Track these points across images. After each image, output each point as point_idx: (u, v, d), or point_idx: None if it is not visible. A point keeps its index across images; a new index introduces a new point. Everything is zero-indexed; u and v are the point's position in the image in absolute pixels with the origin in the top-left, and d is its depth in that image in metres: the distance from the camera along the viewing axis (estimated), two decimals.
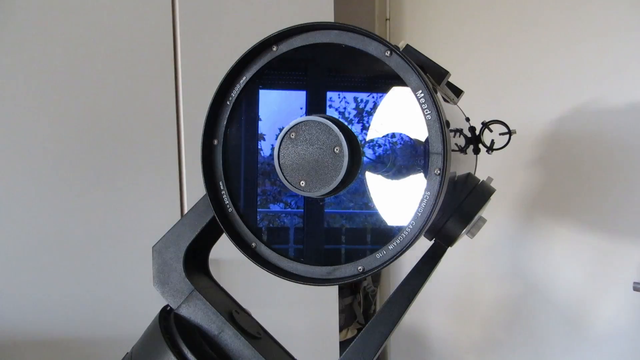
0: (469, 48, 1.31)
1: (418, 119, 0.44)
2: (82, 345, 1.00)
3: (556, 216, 1.15)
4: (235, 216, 0.53)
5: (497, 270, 1.28)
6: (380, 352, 0.51)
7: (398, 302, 0.52)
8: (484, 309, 1.33)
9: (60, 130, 0.98)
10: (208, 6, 1.09)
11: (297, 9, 1.16)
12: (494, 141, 0.64)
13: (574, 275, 1.11)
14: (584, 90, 1.06)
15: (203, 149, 0.53)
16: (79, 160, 1.00)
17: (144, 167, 1.06)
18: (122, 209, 1.04)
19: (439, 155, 0.43)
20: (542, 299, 1.17)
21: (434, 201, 0.43)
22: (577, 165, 1.09)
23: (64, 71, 0.98)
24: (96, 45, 1.00)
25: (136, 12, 1.03)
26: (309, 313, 1.25)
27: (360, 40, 0.46)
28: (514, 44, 1.20)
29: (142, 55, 1.04)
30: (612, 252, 1.03)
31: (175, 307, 0.54)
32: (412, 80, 0.44)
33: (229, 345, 0.52)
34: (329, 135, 0.43)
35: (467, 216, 0.55)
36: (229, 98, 0.52)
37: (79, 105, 1.00)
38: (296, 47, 0.49)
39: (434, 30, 1.43)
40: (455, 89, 0.69)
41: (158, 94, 1.06)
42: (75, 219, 1.00)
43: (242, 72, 0.52)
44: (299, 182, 0.45)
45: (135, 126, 1.04)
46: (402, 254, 0.45)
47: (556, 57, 1.10)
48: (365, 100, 0.58)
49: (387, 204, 0.55)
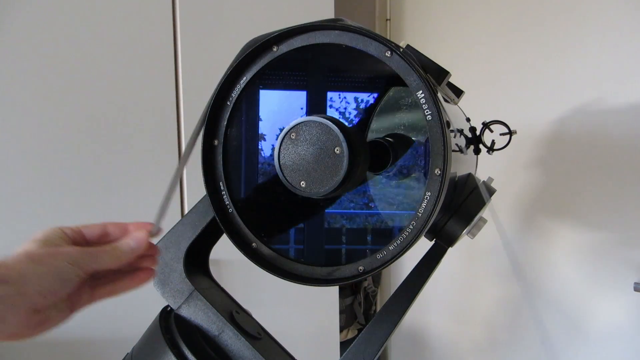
0: (469, 48, 1.30)
1: (418, 119, 0.44)
2: (82, 345, 1.00)
3: (556, 216, 1.15)
4: (236, 216, 0.53)
5: (498, 271, 1.28)
6: (380, 353, 0.51)
7: (399, 302, 0.52)
8: (484, 309, 1.33)
9: (60, 131, 0.98)
10: (208, 6, 1.09)
11: (297, 9, 1.16)
12: (495, 141, 0.64)
13: (575, 276, 1.11)
14: (584, 90, 1.06)
15: (203, 150, 0.53)
16: (79, 160, 1.00)
17: (144, 167, 1.06)
18: (122, 209, 1.04)
19: (440, 155, 0.43)
20: (542, 299, 1.17)
21: (435, 201, 0.43)
22: (577, 166, 1.09)
23: (64, 71, 0.98)
24: (96, 45, 1.00)
25: (136, 12, 1.03)
26: (310, 313, 1.25)
27: (360, 40, 0.46)
28: (514, 45, 1.19)
29: (143, 55, 1.04)
30: (613, 252, 1.03)
31: (175, 307, 0.54)
32: (412, 81, 0.44)
33: (230, 346, 0.52)
34: (330, 135, 0.43)
35: (468, 216, 0.55)
36: (230, 98, 0.52)
37: (79, 105, 1.00)
38: (297, 48, 0.49)
39: (435, 30, 1.43)
40: (456, 90, 0.69)
41: (158, 94, 1.06)
42: (75, 219, 0.99)
43: (242, 72, 0.52)
44: (300, 183, 0.45)
45: (135, 126, 1.04)
46: (402, 254, 0.45)
47: (557, 57, 1.10)
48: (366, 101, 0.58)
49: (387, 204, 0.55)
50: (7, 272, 0.38)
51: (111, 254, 0.44)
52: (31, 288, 0.38)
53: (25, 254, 0.40)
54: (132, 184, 1.04)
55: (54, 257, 0.41)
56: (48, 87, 0.97)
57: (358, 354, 0.50)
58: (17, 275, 0.38)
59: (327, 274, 0.49)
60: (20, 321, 0.38)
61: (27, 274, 0.38)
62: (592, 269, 1.07)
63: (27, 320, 0.39)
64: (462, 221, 0.55)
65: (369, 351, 0.50)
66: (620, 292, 1.02)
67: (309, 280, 0.49)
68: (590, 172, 1.07)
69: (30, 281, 0.38)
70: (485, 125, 0.65)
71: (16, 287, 0.37)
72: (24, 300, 0.38)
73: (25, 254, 0.40)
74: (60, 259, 0.41)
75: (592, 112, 1.05)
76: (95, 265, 0.43)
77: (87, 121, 1.00)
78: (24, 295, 0.38)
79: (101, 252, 0.44)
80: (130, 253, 0.46)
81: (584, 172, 1.08)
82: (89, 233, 0.47)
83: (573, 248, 1.11)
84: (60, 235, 0.44)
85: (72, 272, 0.41)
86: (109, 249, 0.45)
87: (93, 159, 1.01)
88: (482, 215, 0.59)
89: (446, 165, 0.43)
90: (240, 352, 0.51)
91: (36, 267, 0.39)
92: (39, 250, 0.41)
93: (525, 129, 0.96)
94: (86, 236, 0.46)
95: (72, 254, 0.42)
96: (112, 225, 0.48)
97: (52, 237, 0.43)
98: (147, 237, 0.47)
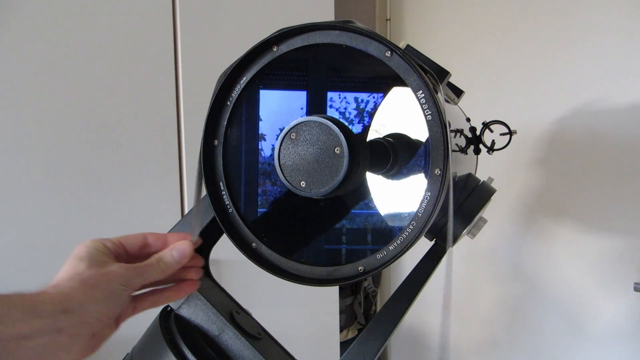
0: (469, 48, 1.30)
1: (419, 120, 0.44)
2: None
3: (557, 216, 1.15)
4: (236, 216, 0.53)
5: (498, 271, 1.28)
6: (381, 353, 0.51)
7: (399, 302, 0.52)
8: (484, 309, 1.33)
9: (60, 131, 0.98)
10: (208, 6, 1.09)
11: (297, 9, 1.16)
12: (495, 141, 0.64)
13: (575, 276, 1.11)
14: (584, 90, 1.06)
15: (204, 150, 0.53)
16: (79, 160, 1.00)
17: (145, 167, 1.06)
18: (122, 210, 1.04)
19: (440, 155, 0.43)
20: (542, 300, 1.17)
21: (435, 202, 0.43)
22: (577, 166, 1.09)
23: (64, 72, 0.98)
24: (96, 45, 1.00)
25: (136, 12, 1.03)
26: (310, 313, 1.25)
27: (360, 40, 0.46)
28: (515, 45, 1.19)
29: (143, 55, 1.04)
30: (613, 252, 1.03)
31: (175, 307, 0.54)
32: (412, 81, 0.44)
33: (230, 346, 0.52)
34: (330, 135, 0.43)
35: (468, 216, 0.55)
36: (230, 98, 0.52)
37: (79, 106, 1.00)
38: (297, 48, 0.49)
39: (435, 30, 1.43)
40: (456, 90, 0.69)
41: (159, 95, 1.06)
42: (75, 219, 1.00)
43: (242, 72, 0.52)
44: (300, 183, 0.45)
45: (135, 127, 1.04)
46: (402, 254, 0.45)
47: (557, 57, 1.10)
48: (366, 101, 0.58)
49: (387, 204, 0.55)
50: (67, 301, 0.38)
51: (156, 268, 0.44)
52: (91, 315, 0.39)
53: (78, 278, 0.40)
54: (132, 184, 1.04)
55: (107, 280, 0.41)
56: (48, 87, 0.97)
57: (358, 354, 0.50)
58: (77, 305, 0.38)
59: (327, 274, 0.49)
60: (81, 348, 0.39)
61: (86, 303, 0.38)
62: (592, 269, 1.07)
63: (87, 346, 0.39)
64: (463, 221, 0.55)
65: (369, 351, 0.50)
66: (620, 292, 1.02)
67: (309, 280, 0.49)
68: (590, 172, 1.07)
69: (90, 308, 0.39)
70: (486, 125, 0.65)
71: (79, 317, 0.38)
72: (85, 328, 0.38)
73: (79, 279, 0.40)
74: (114, 281, 0.41)
75: (592, 112, 1.04)
76: (143, 281, 0.43)
77: (87, 121, 1.00)
78: (85, 324, 0.38)
79: (147, 266, 0.44)
80: (175, 265, 0.46)
81: (584, 172, 1.08)
82: (129, 245, 0.46)
83: (573, 248, 1.11)
84: (103, 250, 0.44)
85: (125, 292, 0.42)
86: (154, 263, 0.45)
87: (93, 159, 1.01)
88: (482, 215, 0.59)
89: (446, 165, 0.43)
90: (241, 352, 0.51)
91: (93, 293, 0.39)
92: (89, 272, 0.41)
93: (525, 129, 0.96)
94: (127, 248, 0.46)
95: (123, 274, 0.42)
96: (152, 236, 0.48)
97: (96, 254, 0.43)
98: (190, 248, 0.47)
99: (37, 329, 0.35)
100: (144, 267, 0.44)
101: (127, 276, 0.42)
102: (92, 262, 0.41)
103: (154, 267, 0.44)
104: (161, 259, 0.45)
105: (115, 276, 0.41)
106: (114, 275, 0.41)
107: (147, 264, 0.44)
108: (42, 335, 0.35)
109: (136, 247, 0.47)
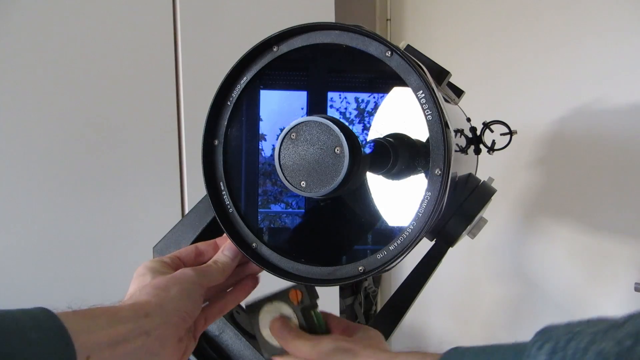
0: (470, 48, 1.30)
1: (419, 120, 0.44)
2: None
3: (557, 216, 1.15)
4: (236, 216, 0.53)
5: (498, 271, 1.28)
6: None
7: (399, 302, 0.52)
8: (484, 309, 1.33)
9: (60, 131, 0.98)
10: (208, 6, 1.09)
11: (297, 9, 1.16)
12: (495, 142, 0.64)
13: (575, 276, 1.11)
14: (585, 90, 1.06)
15: (204, 150, 0.53)
16: (79, 161, 1.00)
17: (145, 167, 1.06)
18: (122, 210, 1.04)
19: (440, 155, 0.43)
20: (543, 300, 1.17)
21: (435, 202, 0.43)
22: (578, 166, 1.09)
23: (64, 72, 0.98)
24: (96, 45, 1.00)
25: (137, 12, 1.03)
26: None
27: (361, 40, 0.46)
28: (515, 44, 1.19)
29: (143, 56, 1.04)
30: (613, 252, 1.03)
31: None
32: (412, 81, 0.44)
33: (230, 346, 0.52)
34: (330, 135, 0.43)
35: (468, 217, 0.55)
36: (230, 98, 0.52)
37: (80, 106, 0.99)
38: (297, 48, 0.49)
39: (435, 30, 1.43)
40: (456, 90, 0.69)
41: (159, 95, 1.06)
42: (75, 220, 1.00)
43: (242, 72, 0.52)
44: (300, 183, 0.45)
45: (136, 127, 1.04)
46: (403, 254, 0.45)
47: (557, 57, 1.10)
48: (366, 101, 0.58)
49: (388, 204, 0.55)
50: (146, 306, 0.39)
51: (216, 268, 0.47)
52: (172, 314, 0.40)
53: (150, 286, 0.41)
54: (132, 184, 1.04)
55: (178, 280, 0.43)
56: (48, 87, 0.97)
57: None
58: (156, 306, 0.39)
59: (328, 274, 0.49)
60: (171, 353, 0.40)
61: (163, 303, 0.40)
62: (592, 269, 1.07)
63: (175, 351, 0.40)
64: (463, 221, 0.55)
65: None
66: (620, 292, 1.01)
67: (309, 280, 0.49)
68: (590, 172, 1.07)
69: (169, 307, 0.40)
70: (486, 125, 0.65)
71: (160, 317, 0.39)
72: (169, 328, 0.39)
73: (151, 286, 0.41)
74: (184, 280, 0.43)
75: (593, 112, 1.04)
76: (208, 281, 0.46)
77: (87, 121, 1.00)
78: (168, 323, 0.39)
79: (208, 267, 0.47)
80: (230, 262, 0.49)
81: (584, 172, 1.08)
82: (184, 257, 0.49)
83: (573, 248, 1.11)
84: (162, 264, 0.46)
85: (197, 290, 0.44)
86: (212, 264, 0.48)
87: (93, 159, 1.01)
88: (482, 215, 0.59)
89: (447, 165, 0.43)
90: (241, 352, 0.51)
91: (167, 293, 0.41)
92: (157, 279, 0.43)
93: (525, 129, 0.95)
94: (183, 260, 0.49)
95: (190, 274, 0.44)
96: (202, 244, 0.52)
97: (157, 267, 0.45)
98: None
99: (124, 334, 0.36)
100: (205, 267, 0.47)
101: (193, 276, 0.44)
102: (156, 274, 0.44)
103: (213, 267, 0.47)
104: (217, 260, 0.49)
105: (184, 275, 0.44)
106: (182, 275, 0.44)
107: (206, 265, 0.48)
108: (131, 340, 0.36)
109: (191, 257, 0.50)
